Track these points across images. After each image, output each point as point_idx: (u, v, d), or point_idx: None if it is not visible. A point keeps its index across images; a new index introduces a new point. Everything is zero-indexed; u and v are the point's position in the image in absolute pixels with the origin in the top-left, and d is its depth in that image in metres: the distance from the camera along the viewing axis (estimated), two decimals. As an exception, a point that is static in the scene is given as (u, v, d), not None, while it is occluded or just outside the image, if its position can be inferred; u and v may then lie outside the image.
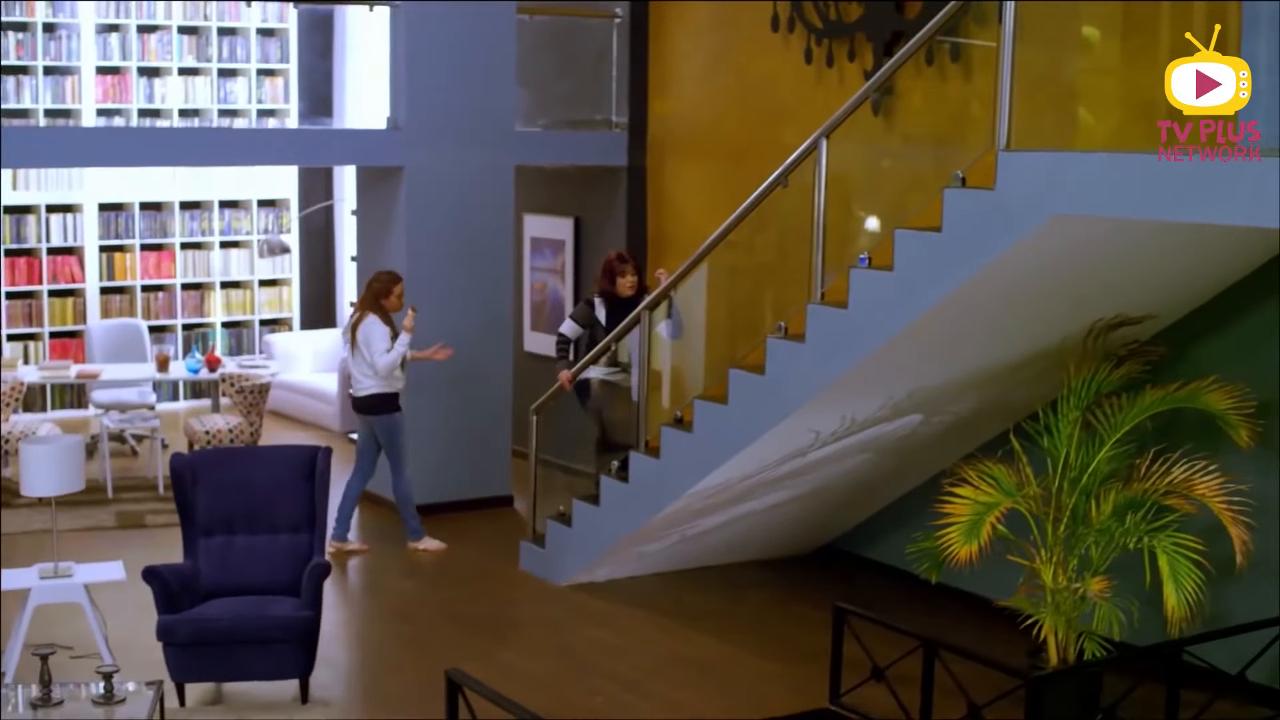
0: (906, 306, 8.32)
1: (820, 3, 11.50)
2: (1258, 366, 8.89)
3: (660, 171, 13.40)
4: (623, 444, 10.85)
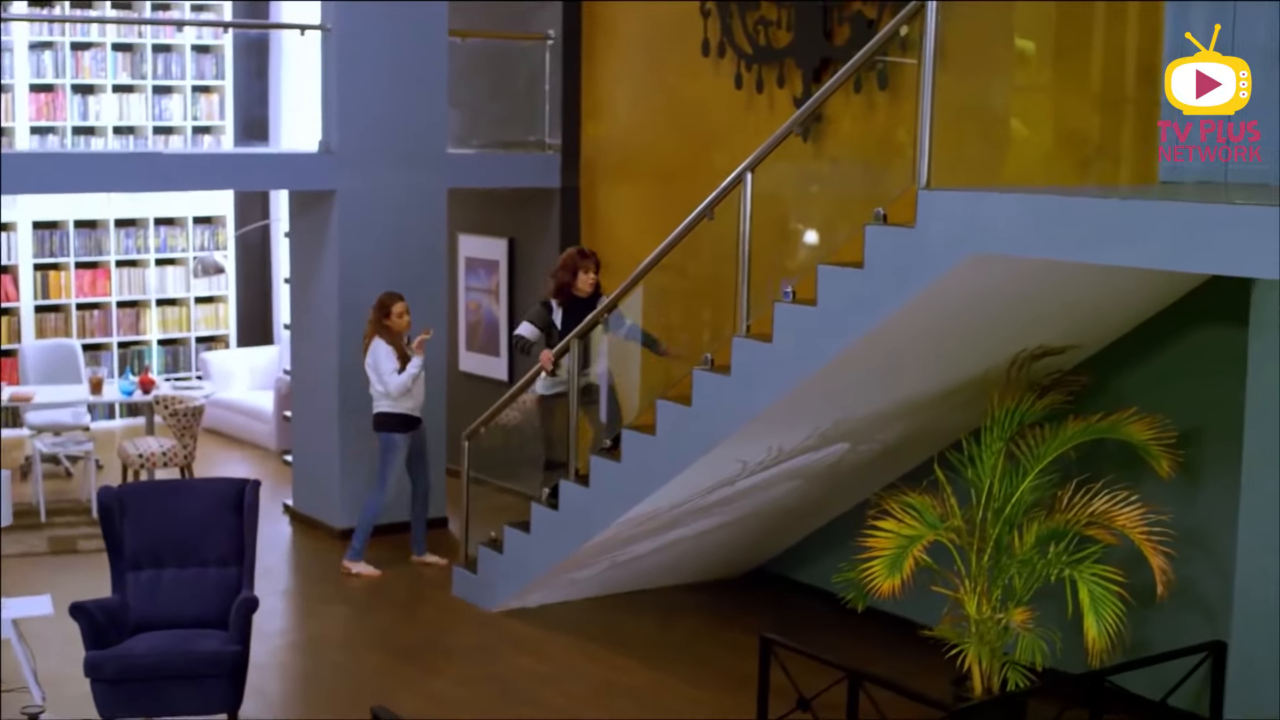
0: (829, 341, 8.37)
1: (750, 28, 11.56)
2: (1180, 396, 8.98)
3: (593, 193, 13.44)
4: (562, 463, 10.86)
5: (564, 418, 10.94)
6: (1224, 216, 6.55)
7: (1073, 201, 7.13)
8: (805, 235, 11.07)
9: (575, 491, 10.28)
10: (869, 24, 10.61)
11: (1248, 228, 6.46)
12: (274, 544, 12.65)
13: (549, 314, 11.16)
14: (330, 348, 12.66)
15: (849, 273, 8.20)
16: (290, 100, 16.67)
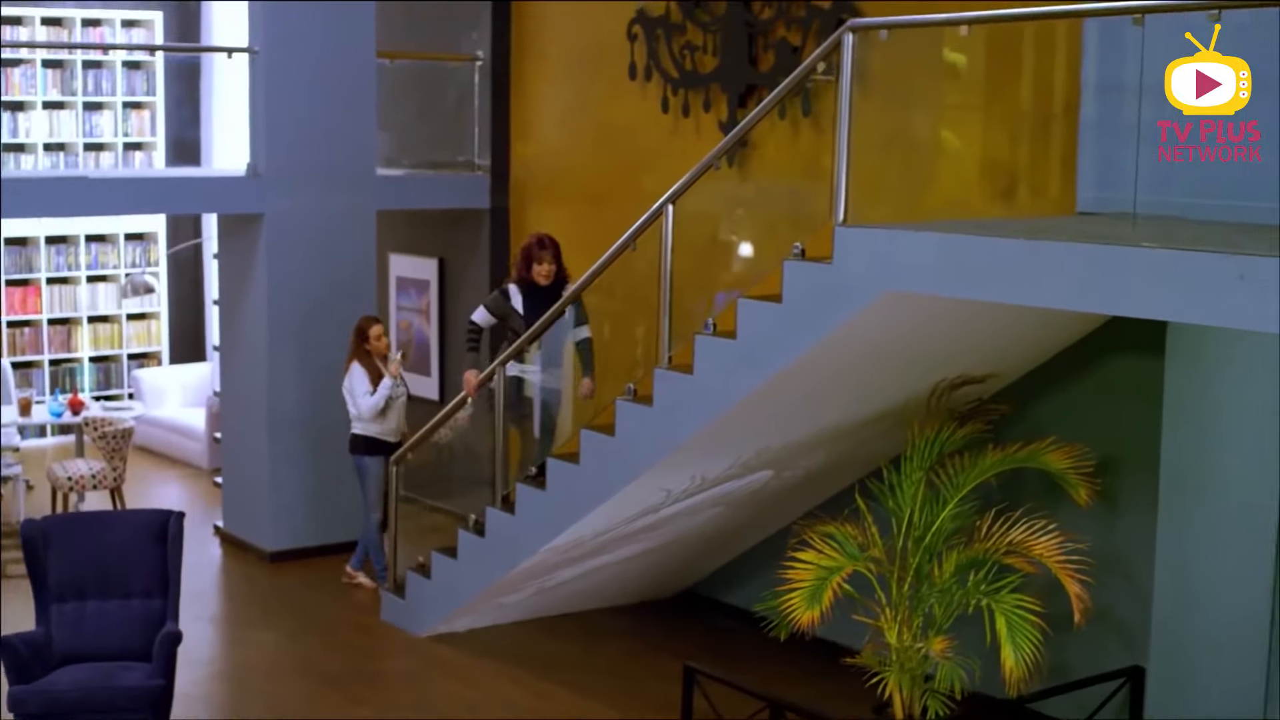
0: (749, 374, 8.42)
1: (676, 53, 11.61)
2: (1098, 423, 9.08)
3: (523, 213, 13.47)
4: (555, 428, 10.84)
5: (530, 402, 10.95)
6: (1130, 259, 6.64)
7: (984, 241, 7.20)
8: (734, 258, 11.13)
9: (501, 519, 10.31)
10: (793, 50, 10.68)
11: (1152, 270, 6.55)
12: (204, 567, 12.63)
13: (507, 301, 10.87)
14: (259, 369, 12.65)
15: (768, 307, 8.26)
16: (222, 121, 16.64)
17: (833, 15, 10.36)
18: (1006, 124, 9.64)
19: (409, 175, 13.77)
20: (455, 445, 12.18)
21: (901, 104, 9.51)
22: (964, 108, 9.64)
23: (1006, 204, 9.46)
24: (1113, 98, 8.42)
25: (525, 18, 13.36)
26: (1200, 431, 8.76)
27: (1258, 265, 6.20)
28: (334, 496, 12.85)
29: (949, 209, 9.34)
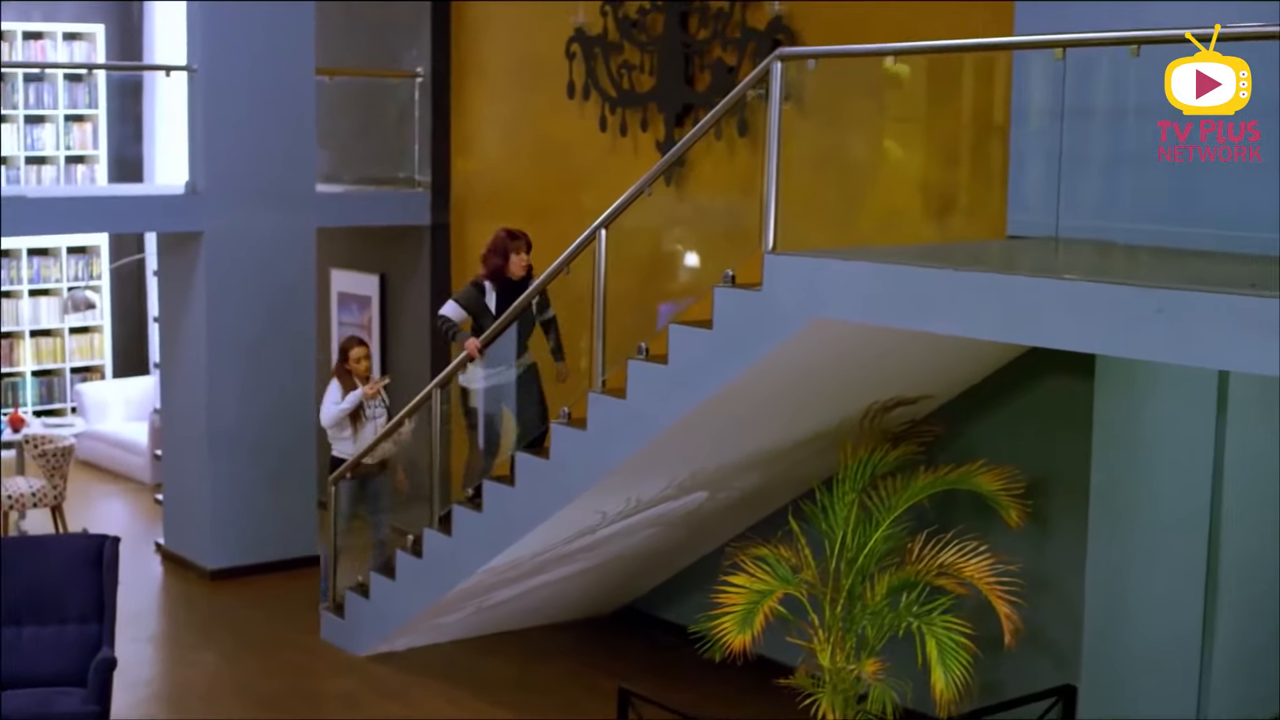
0: (681, 399, 8.47)
1: (614, 72, 11.65)
2: (1030, 444, 9.15)
3: (463, 230, 13.49)
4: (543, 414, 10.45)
5: (526, 389, 10.57)
6: (1053, 291, 6.69)
7: (911, 271, 7.25)
8: (673, 277, 11.15)
9: (438, 540, 10.33)
10: (729, 71, 10.73)
11: (1074, 303, 6.62)
12: (144, 586, 12.62)
13: (481, 296, 10.55)
14: (199, 387, 12.64)
15: (699, 333, 8.30)
16: (165, 137, 16.60)
17: (768, 37, 10.42)
18: (941, 147, 9.71)
19: (349, 192, 13.79)
20: (401, 460, 12.15)
21: (837, 126, 9.56)
22: (899, 130, 9.69)
23: (941, 227, 9.52)
24: (1042, 123, 8.48)
25: (465, 34, 13.39)
26: (1129, 452, 8.84)
27: (1176, 299, 6.27)
28: (275, 514, 12.86)
29: (883, 232, 9.40)
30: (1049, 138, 8.32)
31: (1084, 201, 8.43)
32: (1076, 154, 8.42)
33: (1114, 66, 8.00)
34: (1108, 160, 8.48)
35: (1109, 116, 8.35)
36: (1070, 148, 8.36)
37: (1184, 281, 6.67)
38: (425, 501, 11.11)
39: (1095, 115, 8.36)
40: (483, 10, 13.21)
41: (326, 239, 13.63)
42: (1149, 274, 7.56)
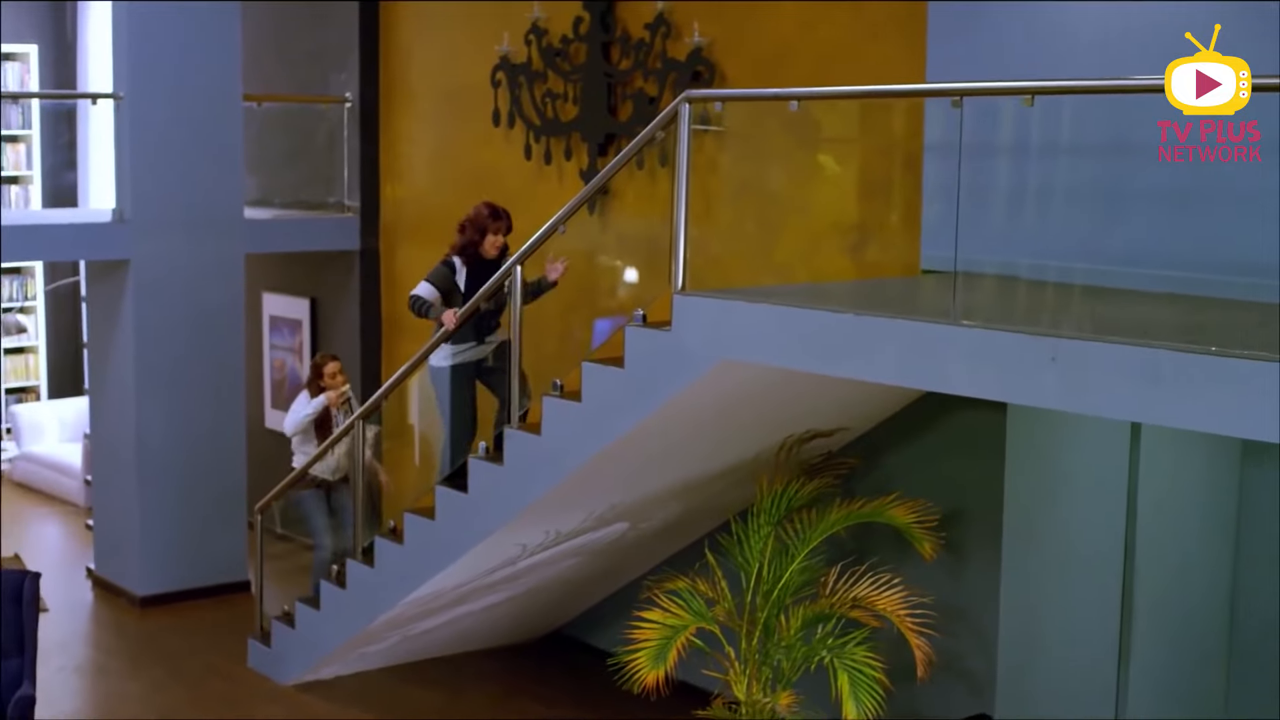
0: (595, 436, 8.53)
1: (538, 101, 11.70)
2: (946, 474, 9.24)
3: (393, 255, 13.53)
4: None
5: (471, 387, 10.24)
6: (950, 337, 6.77)
7: (814, 315, 7.32)
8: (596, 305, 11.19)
9: (361, 570, 10.37)
10: (650, 101, 10.79)
11: (971, 349, 6.69)
12: (74, 612, 12.63)
13: (452, 274, 10.08)
14: (128, 412, 12.63)
15: (611, 371, 8.36)
16: (99, 162, 16.58)
17: (688, 68, 10.49)
18: (858, 181, 9.79)
19: (278, 218, 13.79)
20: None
21: (757, 158, 9.63)
22: (816, 164, 9.76)
23: (858, 261, 9.61)
24: (951, 160, 8.55)
25: (393, 60, 13.43)
26: (1042, 482, 8.95)
27: (1069, 348, 6.35)
28: (205, 540, 12.87)
29: (801, 266, 9.48)
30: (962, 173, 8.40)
31: (995, 236, 8.53)
32: (988, 189, 8.52)
33: (1019, 104, 8.08)
34: (1017, 196, 8.58)
35: (1019, 152, 8.45)
36: (981, 183, 8.45)
37: (1079, 328, 6.77)
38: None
39: (1006, 151, 8.46)
40: (411, 36, 13.25)
41: (258, 263, 13.66)
42: (1049, 317, 7.68)
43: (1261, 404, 5.82)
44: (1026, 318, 7.72)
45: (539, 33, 11.68)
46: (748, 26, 10.28)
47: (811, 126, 9.54)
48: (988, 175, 8.45)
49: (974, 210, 8.38)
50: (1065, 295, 8.04)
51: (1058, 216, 8.37)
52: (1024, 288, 8.27)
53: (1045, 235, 8.43)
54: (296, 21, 14.21)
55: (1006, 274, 8.35)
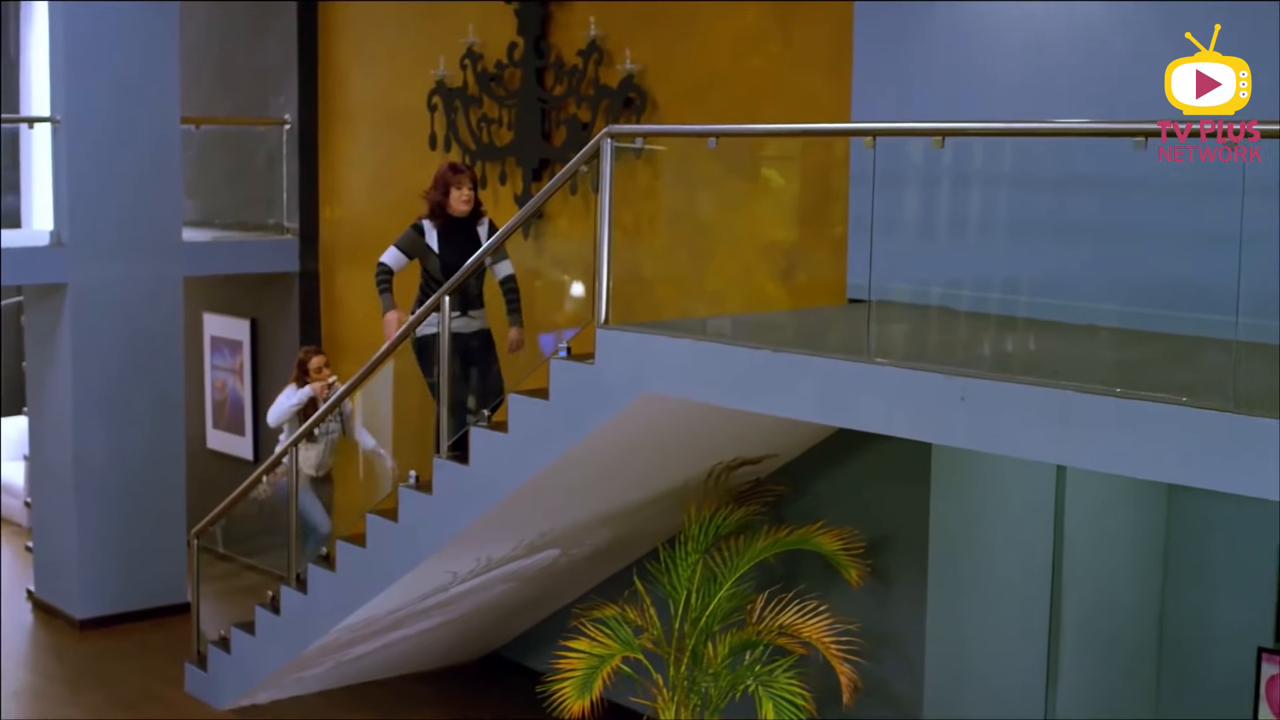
0: (522, 465, 8.57)
1: (473, 125, 11.75)
2: (873, 500, 9.31)
3: (332, 276, 13.57)
4: (497, 390, 9.86)
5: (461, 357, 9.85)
6: (863, 375, 6.85)
7: (732, 351, 7.40)
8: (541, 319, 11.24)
9: (294, 597, 10.39)
10: (584, 127, 10.85)
11: (884, 387, 6.78)
12: (13, 635, 12.62)
13: (421, 237, 9.82)
14: (65, 435, 12.64)
15: (536, 403, 8.41)
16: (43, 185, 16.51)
17: (620, 95, 10.56)
18: (786, 210, 9.87)
19: (217, 240, 13.81)
20: (273, 503, 12.19)
21: (686, 187, 9.71)
22: (745, 193, 9.84)
23: (788, 289, 9.69)
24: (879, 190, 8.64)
25: (332, 82, 13.46)
26: (968, 507, 9.07)
27: (978, 387, 6.43)
28: (144, 562, 12.87)
29: (729, 297, 9.56)
30: (883, 204, 8.48)
31: (918, 266, 8.63)
32: (911, 220, 8.62)
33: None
34: (939, 226, 8.68)
35: (940, 184, 8.55)
36: (904, 214, 8.56)
37: (998, 363, 6.87)
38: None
39: (928, 182, 8.56)
40: (349, 59, 13.29)
41: (199, 284, 13.69)
42: (965, 353, 7.77)
43: (1167, 447, 5.92)
44: (942, 353, 7.82)
45: (474, 57, 11.74)
46: (679, 55, 10.36)
47: (742, 155, 9.63)
48: (911, 206, 8.55)
49: (897, 241, 8.50)
50: (985, 327, 8.15)
51: (980, 247, 8.48)
52: (945, 319, 8.38)
53: (967, 265, 8.54)
54: (236, 43, 14.24)
55: (930, 303, 8.46)
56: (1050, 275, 8.10)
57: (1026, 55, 8.28)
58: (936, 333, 8.24)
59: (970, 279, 8.45)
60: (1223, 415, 5.71)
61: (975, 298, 8.41)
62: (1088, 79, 8.03)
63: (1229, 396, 5.81)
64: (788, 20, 9.72)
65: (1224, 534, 9.44)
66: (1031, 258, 8.18)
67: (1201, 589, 9.66)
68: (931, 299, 8.48)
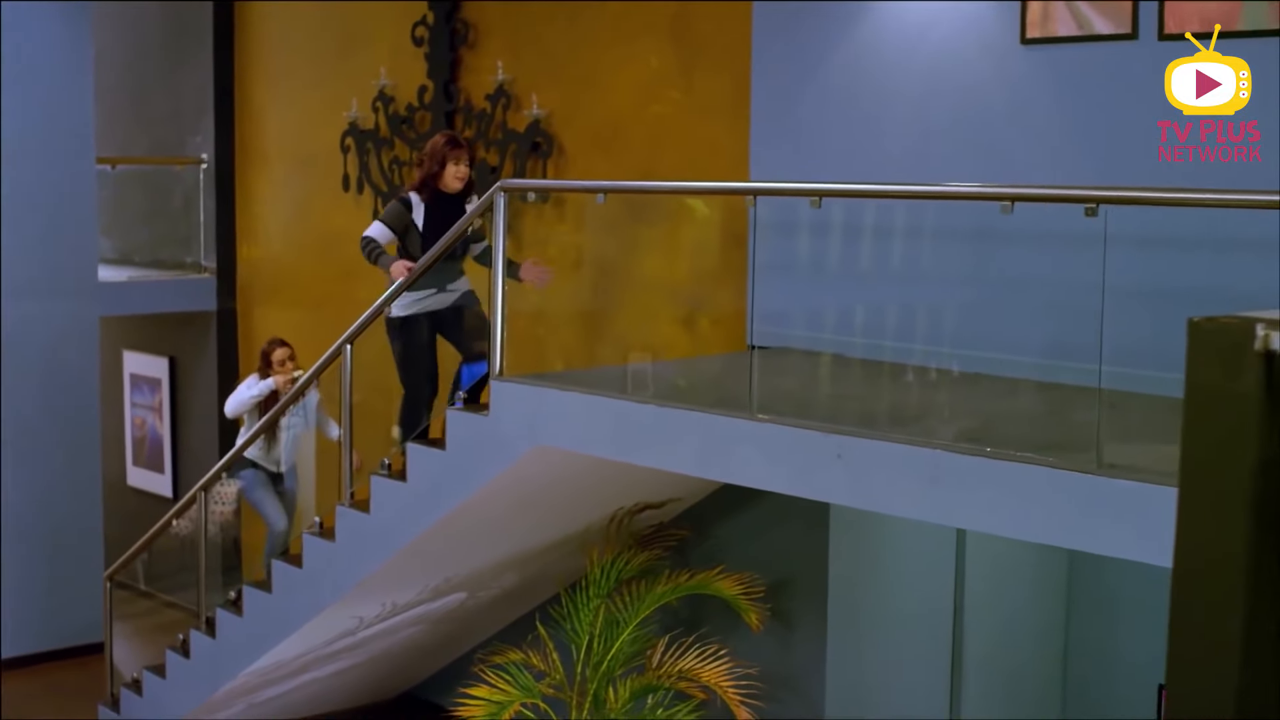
0: (421, 515, 8.64)
1: (385, 167, 11.83)
2: (775, 544, 9.41)
3: (250, 315, 13.61)
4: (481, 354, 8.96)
5: (430, 340, 9.32)
6: (744, 431, 6.95)
7: (619, 405, 7.51)
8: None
9: (204, 641, 10.42)
10: (492, 170, 10.92)
11: (764, 443, 6.88)
12: (-67, 677, 12.63)
13: (408, 212, 9.10)
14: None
15: (433, 453, 8.49)
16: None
17: (528, 139, 10.65)
18: (688, 260, 9.96)
19: (134, 280, 13.84)
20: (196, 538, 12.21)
21: (589, 235, 9.81)
22: (648, 242, 9.92)
23: (692, 337, 9.78)
24: (771, 240, 8.76)
25: (248, 121, 13.52)
26: (867, 549, 9.17)
27: (853, 445, 6.53)
28: (63, 601, 12.88)
29: (633, 343, 9.64)
30: (780, 251, 8.62)
31: (812, 313, 8.76)
32: (804, 268, 8.75)
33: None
34: (831, 275, 8.81)
35: (832, 234, 8.68)
36: (799, 262, 8.69)
37: (878, 419, 6.98)
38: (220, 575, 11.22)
39: (822, 232, 8.68)
40: (265, 98, 13.35)
41: (119, 321, 13.72)
42: (852, 404, 7.88)
43: (1034, 508, 6.03)
44: (831, 403, 7.94)
45: (386, 100, 11.82)
46: (584, 101, 10.47)
47: (645, 202, 9.71)
48: (805, 254, 8.68)
49: (792, 288, 8.62)
50: (876, 375, 8.27)
51: (870, 295, 8.59)
52: (837, 367, 8.50)
53: (859, 313, 8.65)
54: (153, 83, 14.28)
55: (824, 350, 8.57)
56: (937, 324, 8.23)
57: (915, 110, 8.42)
58: (827, 383, 8.36)
59: (862, 327, 8.57)
60: (1086, 477, 5.82)
61: (868, 344, 8.52)
62: (970, 135, 8.19)
63: (1092, 458, 5.92)
64: (689, 69, 9.84)
65: (1126, 569, 9.55)
66: (918, 307, 8.31)
67: (1104, 624, 9.77)
68: (825, 345, 8.59)
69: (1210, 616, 2.99)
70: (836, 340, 8.74)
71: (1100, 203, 5.90)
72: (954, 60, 8.27)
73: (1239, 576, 3.01)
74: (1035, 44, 7.93)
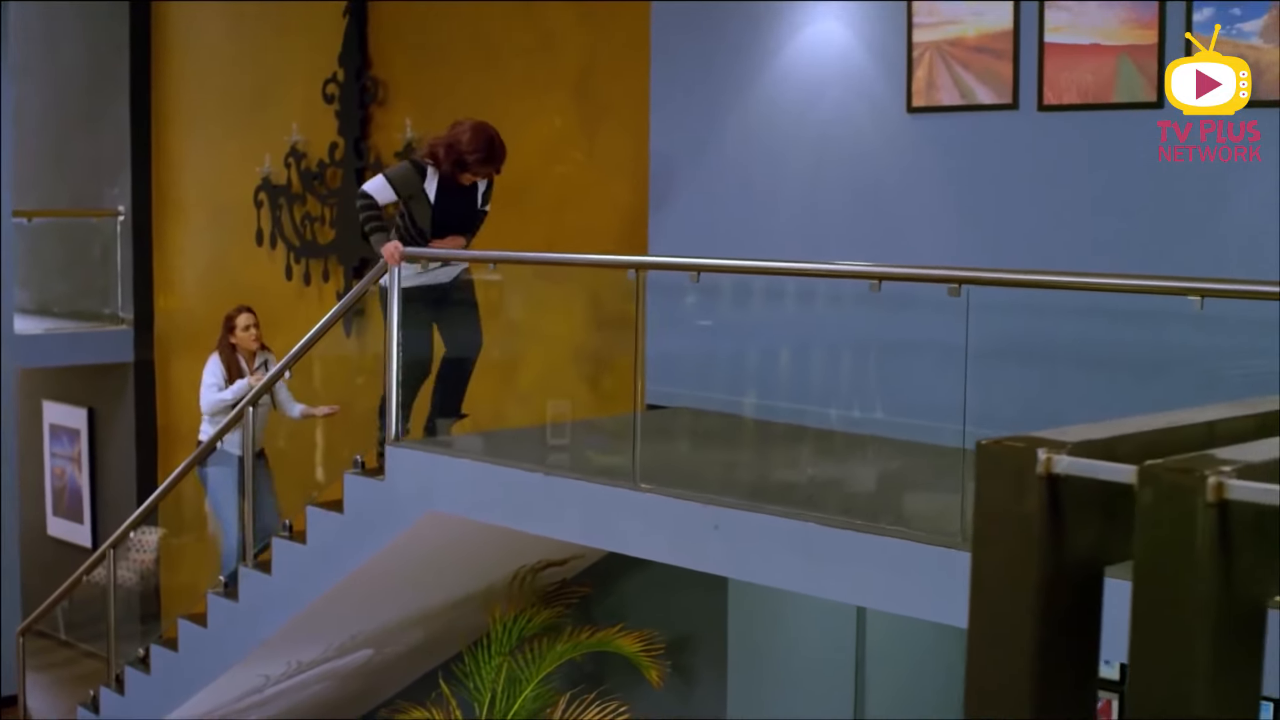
0: (321, 576, 8.73)
1: (297, 222, 11.91)
2: (675, 600, 9.51)
3: (167, 366, 13.66)
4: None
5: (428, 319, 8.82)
6: (625, 501, 7.07)
7: (507, 473, 7.63)
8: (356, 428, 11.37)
9: (113, 698, 10.49)
10: (402, 228, 11.00)
11: (645, 513, 7.00)
12: None
13: (420, 179, 8.35)
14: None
15: (331, 516, 8.58)
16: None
17: (435, 197, 10.73)
18: (588, 320, 10.06)
19: (50, 332, 13.86)
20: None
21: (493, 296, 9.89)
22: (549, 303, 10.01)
23: (595, 396, 9.87)
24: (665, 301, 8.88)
25: (165, 173, 13.58)
26: (765, 605, 9.27)
27: (730, 517, 6.65)
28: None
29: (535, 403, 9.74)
30: (673, 313, 8.74)
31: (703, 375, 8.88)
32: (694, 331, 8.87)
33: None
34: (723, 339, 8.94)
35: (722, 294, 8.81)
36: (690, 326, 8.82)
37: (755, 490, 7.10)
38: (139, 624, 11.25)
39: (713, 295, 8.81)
40: (182, 151, 13.42)
41: (39, 371, 13.74)
42: (740, 471, 8.00)
43: (906, 582, 6.15)
44: (717, 470, 8.04)
45: (298, 155, 11.91)
46: (492, 159, 10.54)
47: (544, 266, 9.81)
48: (695, 318, 8.80)
49: (686, 349, 8.74)
50: (766, 437, 8.39)
51: (758, 359, 8.72)
52: (728, 427, 8.61)
53: (749, 376, 8.78)
54: (71, 133, 14.33)
55: (715, 410, 8.69)
56: (824, 387, 8.36)
57: (808, 176, 8.55)
58: (715, 447, 8.47)
59: (754, 386, 8.69)
60: (955, 553, 5.91)
61: (760, 405, 8.65)
62: (861, 200, 8.33)
63: (956, 532, 6.04)
64: (592, 129, 9.96)
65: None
66: (807, 369, 8.44)
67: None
68: (719, 405, 8.71)
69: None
70: (729, 400, 8.85)
71: (962, 283, 6.05)
72: (844, 127, 8.40)
73: (1026, 698, 3.12)
74: (921, 112, 8.07)
